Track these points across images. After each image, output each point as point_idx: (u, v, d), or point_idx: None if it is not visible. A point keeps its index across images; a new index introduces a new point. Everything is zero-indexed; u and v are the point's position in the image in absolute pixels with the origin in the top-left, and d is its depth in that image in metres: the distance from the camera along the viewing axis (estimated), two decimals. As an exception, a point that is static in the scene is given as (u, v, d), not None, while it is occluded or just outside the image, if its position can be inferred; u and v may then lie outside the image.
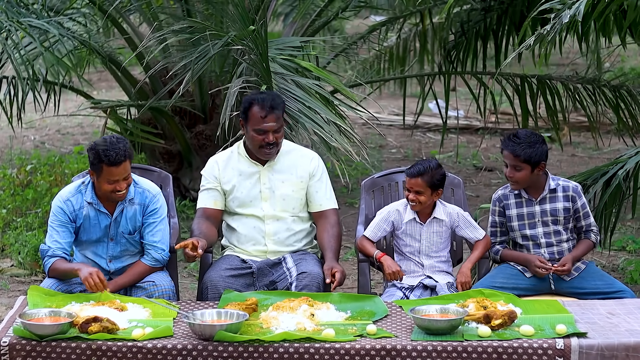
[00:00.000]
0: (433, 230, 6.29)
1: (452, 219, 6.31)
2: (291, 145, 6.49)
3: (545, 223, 6.23)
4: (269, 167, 6.36)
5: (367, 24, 12.12)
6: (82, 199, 6.10)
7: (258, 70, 7.07)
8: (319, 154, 6.60)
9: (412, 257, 6.29)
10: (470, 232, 6.34)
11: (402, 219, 6.30)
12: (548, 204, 6.22)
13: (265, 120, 6.19)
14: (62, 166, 10.79)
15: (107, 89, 15.84)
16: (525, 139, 6.13)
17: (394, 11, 11.37)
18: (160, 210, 6.20)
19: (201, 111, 10.18)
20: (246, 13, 7.33)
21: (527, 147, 6.11)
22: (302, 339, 5.33)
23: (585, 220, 6.29)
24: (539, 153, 6.13)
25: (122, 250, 6.19)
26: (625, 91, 9.53)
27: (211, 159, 6.49)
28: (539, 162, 6.14)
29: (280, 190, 6.35)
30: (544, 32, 6.40)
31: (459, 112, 13.06)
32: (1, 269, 8.67)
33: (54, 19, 8.54)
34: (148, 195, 6.16)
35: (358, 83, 10.28)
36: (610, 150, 12.12)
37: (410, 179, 6.21)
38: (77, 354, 5.29)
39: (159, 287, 6.07)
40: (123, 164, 5.94)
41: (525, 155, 6.10)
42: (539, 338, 5.36)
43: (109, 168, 5.94)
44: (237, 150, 6.42)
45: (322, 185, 6.42)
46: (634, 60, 16.85)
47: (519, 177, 6.17)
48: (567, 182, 6.29)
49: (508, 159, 6.19)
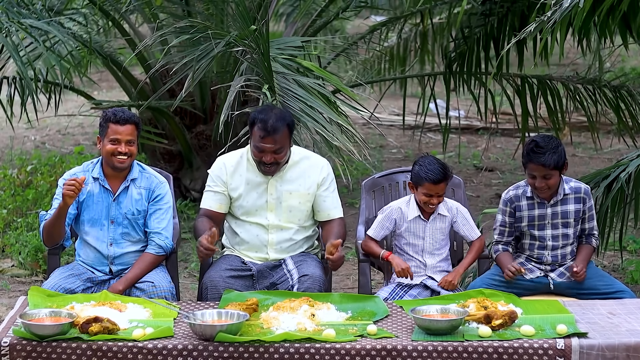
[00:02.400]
0: (436, 226, 6.29)
1: (452, 214, 6.33)
2: (301, 153, 6.38)
3: (554, 225, 6.20)
4: (278, 178, 6.28)
5: (367, 24, 12.13)
6: (89, 175, 6.20)
7: (260, 70, 7.06)
8: (320, 153, 6.58)
9: (414, 257, 6.28)
10: (467, 230, 6.34)
11: (405, 217, 6.29)
12: (559, 207, 6.18)
13: (263, 141, 6.13)
14: (62, 166, 10.79)
15: (108, 89, 15.85)
16: (547, 146, 6.03)
17: (395, 11, 11.38)
18: (166, 197, 6.27)
19: (201, 111, 10.19)
20: (247, 12, 7.33)
21: (553, 153, 6.02)
22: (302, 339, 5.33)
23: (589, 223, 6.26)
24: (563, 155, 6.07)
25: (122, 233, 6.21)
26: (625, 91, 9.53)
27: (220, 160, 6.41)
28: (564, 163, 6.10)
29: (287, 201, 6.29)
30: (544, 18, 6.35)
31: (460, 112, 13.07)
32: (2, 269, 8.67)
33: (54, 20, 8.54)
34: (154, 181, 6.25)
35: (359, 83, 10.29)
36: (610, 151, 12.12)
37: (434, 184, 6.15)
38: (77, 354, 5.29)
39: (158, 289, 6.07)
40: (128, 125, 6.12)
41: (554, 162, 6.02)
42: (539, 338, 5.36)
43: (115, 126, 6.11)
44: (246, 156, 6.34)
45: (330, 194, 6.35)
46: (634, 61, 16.85)
47: (551, 184, 6.09)
48: (578, 183, 6.25)
49: (537, 170, 6.06)
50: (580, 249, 6.26)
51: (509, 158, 12.24)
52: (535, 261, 6.27)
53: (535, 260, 6.28)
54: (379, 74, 11.74)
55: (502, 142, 13.08)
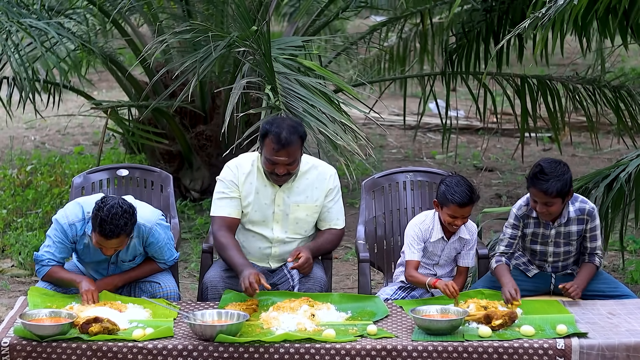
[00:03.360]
0: (454, 246, 6.20)
1: (473, 238, 6.21)
2: (309, 161, 6.25)
3: (557, 244, 6.11)
4: (286, 189, 6.16)
5: (367, 24, 12.13)
6: (85, 227, 5.97)
7: (261, 70, 7.04)
8: (324, 153, 6.56)
9: (426, 266, 6.20)
10: (468, 255, 6.23)
11: (430, 237, 6.16)
12: (563, 227, 6.06)
13: (277, 154, 5.98)
14: (62, 166, 10.80)
15: (108, 89, 15.84)
16: (552, 173, 5.87)
17: (395, 11, 11.38)
18: (158, 239, 6.05)
19: (201, 111, 10.18)
20: (247, 13, 7.32)
21: (557, 181, 5.86)
22: (302, 340, 5.33)
23: (591, 243, 6.12)
24: (568, 183, 5.91)
25: (124, 270, 6.15)
26: (625, 92, 9.52)
27: (231, 164, 6.23)
28: (568, 191, 5.94)
29: (294, 213, 6.18)
30: (539, 14, 6.32)
31: (460, 112, 13.06)
32: (2, 269, 8.67)
33: (54, 20, 8.54)
34: (144, 230, 5.99)
35: (359, 83, 10.28)
36: (610, 151, 12.12)
37: (460, 207, 6.01)
38: (77, 354, 5.29)
39: (164, 289, 6.05)
40: (115, 239, 5.77)
41: (556, 190, 5.87)
42: (539, 338, 5.36)
43: (99, 237, 5.77)
44: (256, 164, 6.20)
45: (335, 204, 6.27)
46: (634, 61, 16.85)
47: (553, 211, 5.95)
48: (583, 203, 6.09)
49: (538, 196, 5.92)
50: (582, 267, 6.15)
51: (508, 158, 12.24)
52: (536, 264, 6.24)
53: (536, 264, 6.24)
54: (379, 73, 11.74)
55: (502, 142, 13.07)
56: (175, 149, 10.27)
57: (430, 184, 6.73)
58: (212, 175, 10.13)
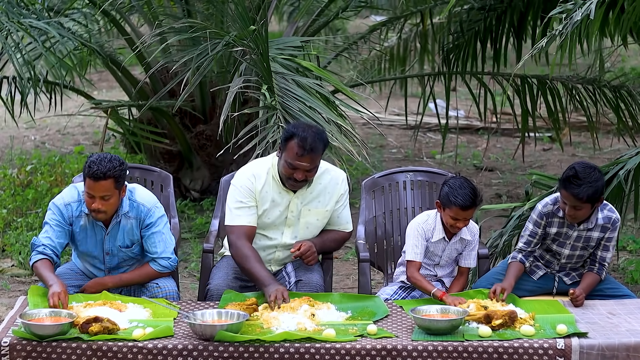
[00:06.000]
0: (455, 247, 6.19)
1: (474, 239, 6.20)
2: (322, 166, 6.18)
3: (574, 247, 6.10)
4: (299, 194, 6.12)
5: (367, 24, 12.13)
6: (81, 208, 6.01)
7: (259, 70, 7.05)
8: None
9: (426, 266, 6.20)
10: (469, 256, 6.21)
11: (430, 238, 6.14)
12: (585, 232, 6.05)
13: (300, 159, 5.92)
14: (62, 166, 10.80)
15: (108, 89, 15.85)
16: (585, 179, 5.84)
17: (395, 11, 11.38)
18: (157, 222, 6.05)
19: (201, 111, 10.18)
20: (246, 13, 7.33)
21: (589, 187, 5.83)
22: (302, 339, 5.33)
23: (603, 252, 6.10)
24: (600, 189, 5.89)
25: (119, 262, 6.13)
26: (625, 91, 9.53)
27: (247, 173, 6.13)
28: (599, 198, 5.92)
29: (305, 218, 6.17)
30: (555, 32, 6.34)
31: (460, 112, 13.06)
32: (2, 269, 8.67)
33: (54, 20, 8.54)
34: (142, 210, 6.01)
35: (359, 83, 10.28)
36: (610, 150, 12.11)
37: (463, 210, 5.98)
38: (77, 354, 5.29)
39: (163, 289, 6.04)
40: (101, 181, 5.79)
41: (587, 196, 5.85)
42: (539, 338, 5.36)
43: (88, 180, 5.82)
44: (271, 172, 6.12)
45: (344, 209, 6.28)
46: (634, 60, 16.85)
47: (580, 215, 5.94)
48: (612, 212, 6.07)
49: (568, 200, 5.89)
50: (585, 276, 6.12)
51: (509, 158, 12.24)
52: (543, 263, 6.24)
53: (543, 263, 6.24)
54: (379, 73, 11.74)
55: (502, 142, 13.07)
56: (176, 148, 10.28)
57: (430, 184, 6.73)
58: (212, 175, 10.13)
